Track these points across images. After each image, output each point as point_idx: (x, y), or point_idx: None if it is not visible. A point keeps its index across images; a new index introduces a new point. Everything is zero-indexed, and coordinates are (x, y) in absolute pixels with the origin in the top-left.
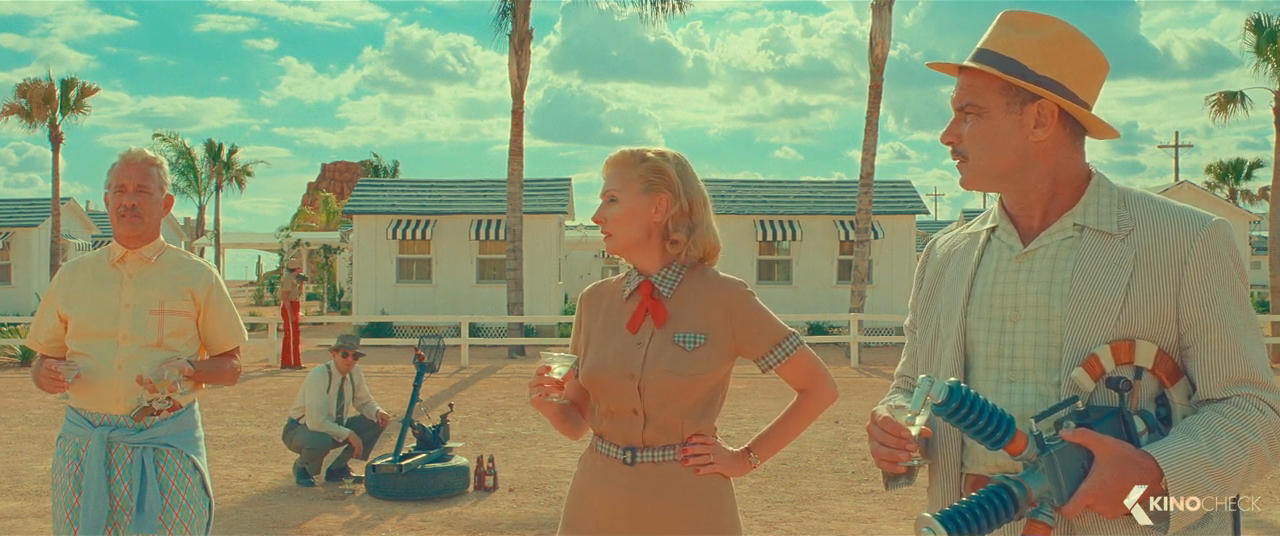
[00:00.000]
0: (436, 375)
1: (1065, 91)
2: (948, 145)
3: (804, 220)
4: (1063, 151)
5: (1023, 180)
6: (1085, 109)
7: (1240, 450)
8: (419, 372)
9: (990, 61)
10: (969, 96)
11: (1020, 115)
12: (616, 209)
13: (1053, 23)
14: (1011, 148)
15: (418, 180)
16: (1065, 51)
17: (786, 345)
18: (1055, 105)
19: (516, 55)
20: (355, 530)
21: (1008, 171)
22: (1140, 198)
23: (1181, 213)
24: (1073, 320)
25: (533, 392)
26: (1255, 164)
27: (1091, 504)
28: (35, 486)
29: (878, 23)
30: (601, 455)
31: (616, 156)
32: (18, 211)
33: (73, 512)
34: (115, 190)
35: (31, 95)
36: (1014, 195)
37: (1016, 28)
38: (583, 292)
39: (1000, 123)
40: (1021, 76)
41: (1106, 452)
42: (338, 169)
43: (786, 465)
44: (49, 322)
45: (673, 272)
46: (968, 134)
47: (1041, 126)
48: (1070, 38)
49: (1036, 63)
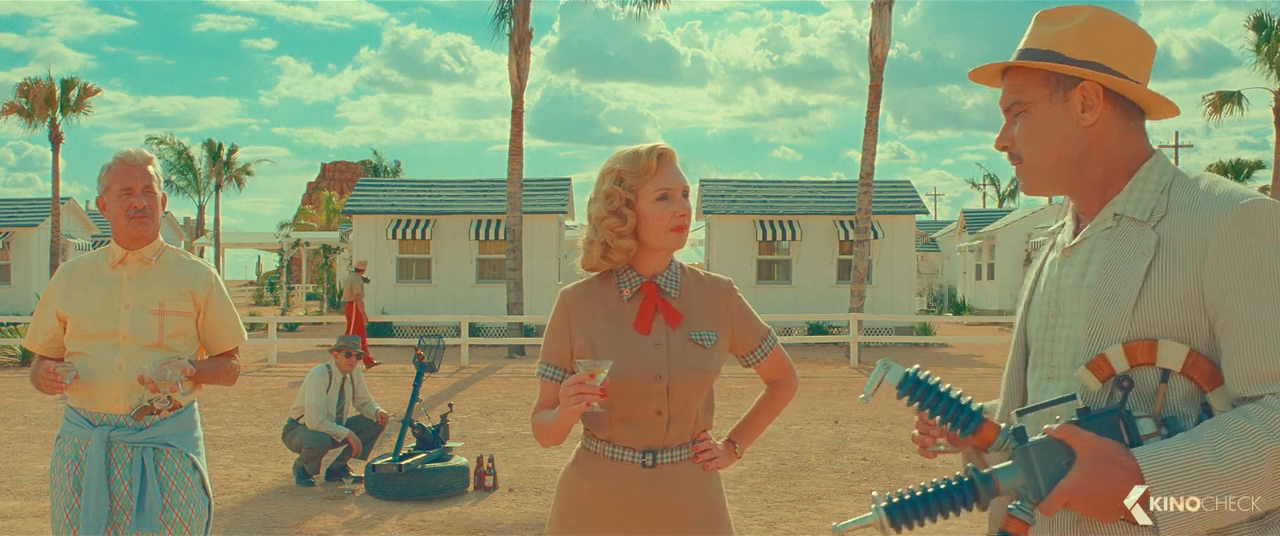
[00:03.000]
0: (436, 375)
1: (1108, 70)
2: (1002, 151)
3: (804, 220)
4: (1115, 135)
5: (1080, 172)
6: (1134, 84)
7: (1254, 452)
8: (419, 372)
9: (1029, 57)
10: (1013, 95)
11: (1065, 103)
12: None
13: (1085, 8)
14: (1062, 137)
15: (418, 180)
16: (1101, 32)
17: (769, 341)
18: (1099, 86)
19: (516, 55)
20: (355, 530)
21: (1062, 162)
22: (1189, 182)
23: (1216, 194)
24: (1094, 316)
25: (573, 402)
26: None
27: (1069, 501)
28: (35, 486)
29: (878, 22)
30: (613, 461)
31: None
32: (18, 211)
33: (72, 512)
34: (122, 193)
35: (33, 95)
36: (1074, 191)
37: (1050, 22)
38: (565, 291)
39: (1047, 113)
40: (1059, 62)
41: (1087, 450)
42: (338, 168)
43: (786, 465)
44: (47, 323)
45: (674, 273)
46: (1018, 134)
47: (1089, 109)
48: (1105, 18)
49: (1074, 49)
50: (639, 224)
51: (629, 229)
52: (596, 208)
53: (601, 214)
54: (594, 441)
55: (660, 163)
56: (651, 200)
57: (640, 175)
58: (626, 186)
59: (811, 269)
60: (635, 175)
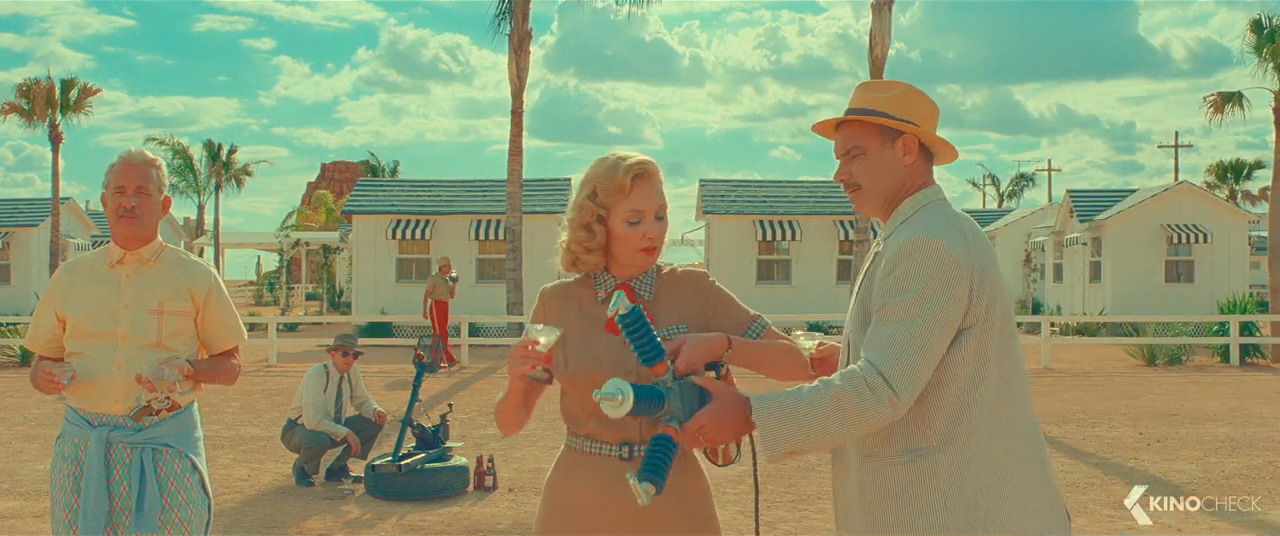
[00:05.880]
0: (436, 375)
1: (917, 127)
2: (841, 183)
3: (804, 220)
4: (919, 174)
5: (896, 198)
6: (934, 136)
7: (824, 394)
8: (419, 372)
9: (866, 114)
10: (852, 141)
11: (892, 149)
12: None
13: (899, 84)
14: (890, 173)
15: (417, 180)
16: (913, 100)
17: (759, 324)
18: (915, 136)
19: (516, 55)
20: (354, 530)
21: (887, 191)
22: (922, 213)
23: (912, 226)
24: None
25: (516, 364)
26: (1255, 164)
27: (704, 425)
28: (34, 486)
29: (877, 22)
30: (590, 454)
31: (657, 169)
32: (17, 211)
33: (72, 513)
34: (115, 191)
35: (32, 95)
36: (887, 213)
37: (875, 91)
38: (544, 290)
39: (879, 156)
40: (890, 119)
41: (720, 392)
42: (337, 168)
43: (786, 465)
44: (47, 323)
45: (649, 275)
46: (857, 171)
47: (908, 154)
48: (914, 91)
49: (896, 110)
50: (609, 240)
51: (597, 244)
52: (571, 216)
53: (573, 225)
54: (575, 438)
55: (635, 183)
56: (623, 221)
57: (613, 193)
58: (599, 203)
59: (811, 269)
60: (608, 192)
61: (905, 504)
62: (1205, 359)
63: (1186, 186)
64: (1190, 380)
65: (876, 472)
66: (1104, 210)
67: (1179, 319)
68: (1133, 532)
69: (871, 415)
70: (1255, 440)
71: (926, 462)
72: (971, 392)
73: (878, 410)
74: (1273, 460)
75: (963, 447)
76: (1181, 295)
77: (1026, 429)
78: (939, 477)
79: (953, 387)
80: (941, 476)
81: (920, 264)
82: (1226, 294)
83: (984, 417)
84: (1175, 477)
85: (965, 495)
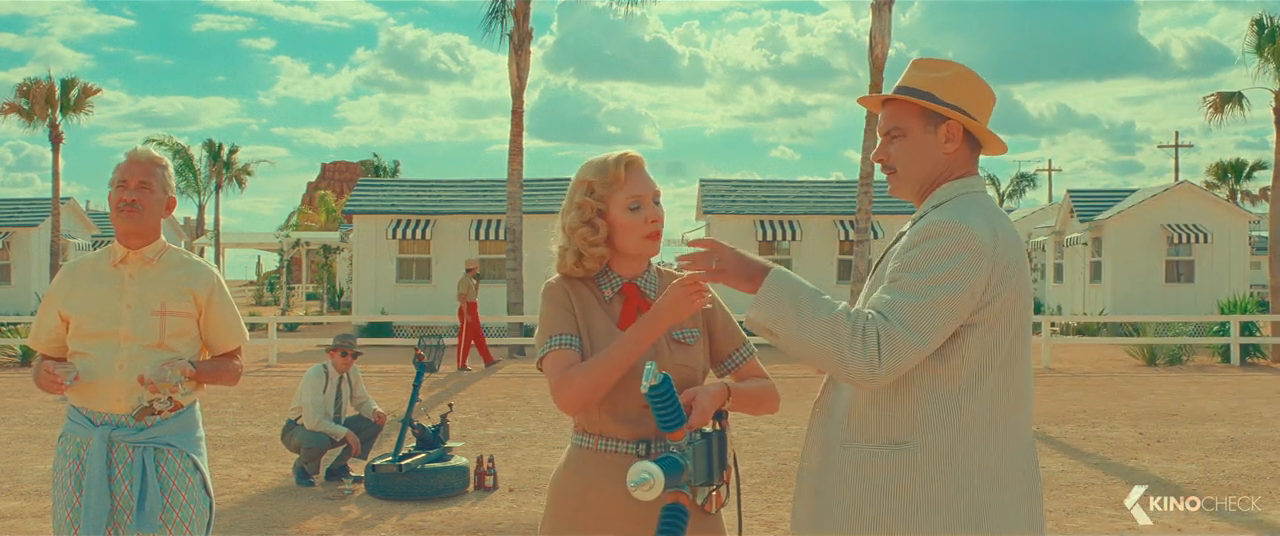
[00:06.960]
0: (436, 375)
1: (967, 114)
2: (879, 163)
3: (804, 220)
4: (961, 164)
5: (933, 186)
6: (982, 126)
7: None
8: (419, 372)
9: (909, 94)
10: (893, 122)
11: (935, 134)
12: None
13: (953, 64)
14: (930, 159)
15: (417, 180)
16: (965, 84)
17: (746, 349)
18: (960, 124)
19: (516, 55)
20: (355, 530)
21: (925, 178)
22: (957, 200)
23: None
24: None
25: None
26: (1256, 164)
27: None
28: (35, 486)
29: (877, 22)
30: (606, 453)
31: (644, 159)
32: (17, 211)
33: (73, 512)
34: (117, 185)
35: (32, 95)
36: (923, 199)
37: (926, 69)
38: (553, 280)
39: (920, 140)
40: (934, 102)
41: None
42: (337, 168)
43: (786, 465)
44: (50, 323)
45: (651, 276)
46: (895, 152)
47: (950, 141)
48: (969, 74)
49: (944, 93)
50: (613, 232)
51: (602, 238)
52: (569, 218)
53: (574, 224)
54: (586, 437)
55: (629, 171)
56: (623, 209)
57: (610, 185)
58: (597, 197)
59: (812, 269)
60: (605, 185)
61: (874, 495)
62: (1205, 359)
63: (1187, 186)
64: (1190, 380)
65: (851, 461)
66: (1104, 210)
67: (1179, 319)
68: (1133, 532)
69: (848, 359)
70: (1255, 440)
71: (905, 457)
72: (967, 393)
73: (856, 363)
74: (1273, 460)
75: (946, 448)
76: (1182, 295)
77: (1020, 441)
78: (915, 475)
79: (948, 384)
80: (918, 474)
81: (943, 246)
82: (1227, 294)
83: (976, 421)
84: (1175, 477)
85: (936, 498)
